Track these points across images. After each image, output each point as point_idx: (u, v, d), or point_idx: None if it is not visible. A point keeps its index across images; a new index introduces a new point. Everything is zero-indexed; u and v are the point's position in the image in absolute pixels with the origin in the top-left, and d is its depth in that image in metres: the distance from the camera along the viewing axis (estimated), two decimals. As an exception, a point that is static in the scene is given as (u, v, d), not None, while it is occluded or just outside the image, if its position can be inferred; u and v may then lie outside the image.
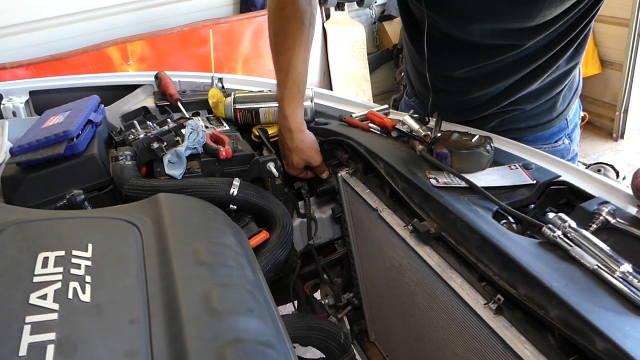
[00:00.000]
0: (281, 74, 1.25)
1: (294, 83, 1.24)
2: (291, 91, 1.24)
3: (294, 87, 1.24)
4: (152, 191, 1.03)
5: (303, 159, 1.25)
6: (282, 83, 1.25)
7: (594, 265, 0.70)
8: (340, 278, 1.44)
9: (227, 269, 0.75)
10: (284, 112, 1.25)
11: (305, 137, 1.25)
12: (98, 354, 0.57)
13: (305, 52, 1.25)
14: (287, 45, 1.23)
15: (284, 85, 1.24)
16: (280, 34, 1.24)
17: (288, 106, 1.24)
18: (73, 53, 3.06)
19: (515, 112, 1.22)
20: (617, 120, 3.83)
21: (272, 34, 1.27)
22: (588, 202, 0.84)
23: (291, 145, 1.25)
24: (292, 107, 1.24)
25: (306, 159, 1.25)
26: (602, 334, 0.60)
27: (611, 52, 3.75)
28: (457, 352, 0.92)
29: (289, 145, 1.25)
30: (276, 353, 0.62)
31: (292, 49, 1.23)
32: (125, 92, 1.58)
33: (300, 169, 1.28)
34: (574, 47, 1.14)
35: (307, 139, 1.25)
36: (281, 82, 1.25)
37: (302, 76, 1.25)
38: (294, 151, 1.25)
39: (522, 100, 1.19)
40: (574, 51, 1.15)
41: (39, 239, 0.74)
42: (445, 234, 0.88)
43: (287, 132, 1.25)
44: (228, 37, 3.45)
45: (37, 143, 1.08)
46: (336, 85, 3.85)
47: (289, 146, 1.25)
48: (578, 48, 1.15)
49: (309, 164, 1.27)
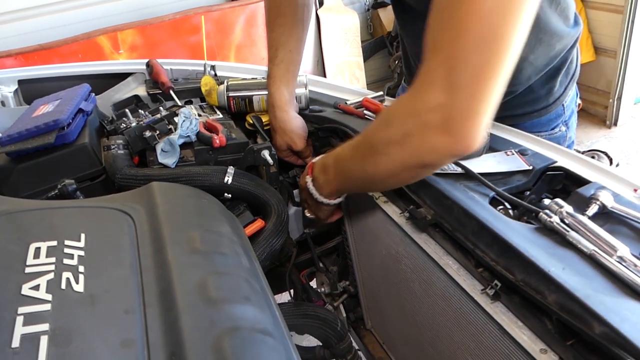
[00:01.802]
0: (271, 50, 1.23)
1: (282, 60, 1.22)
2: (279, 68, 1.22)
3: (282, 64, 1.22)
4: (146, 180, 1.01)
5: (285, 140, 1.23)
6: (271, 59, 1.23)
7: (591, 249, 0.69)
8: (336, 266, 1.44)
9: (222, 258, 0.74)
10: (269, 89, 1.23)
11: (289, 119, 1.22)
12: (93, 345, 0.56)
13: (297, 31, 1.23)
14: (279, 22, 1.21)
15: (272, 61, 1.23)
16: (273, 9, 1.23)
17: (273, 83, 1.22)
18: (63, 42, 3.01)
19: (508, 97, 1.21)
20: (610, 108, 3.84)
21: (266, 10, 1.25)
22: (584, 188, 0.83)
23: (274, 124, 1.23)
24: (277, 84, 1.22)
25: (288, 142, 1.23)
26: (599, 318, 0.60)
27: (605, 39, 3.74)
28: (454, 339, 0.92)
29: (273, 124, 1.24)
30: (273, 341, 0.62)
31: (283, 25, 1.21)
32: (116, 80, 1.56)
33: (282, 150, 1.26)
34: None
35: (291, 120, 1.22)
36: (270, 59, 1.23)
37: (292, 55, 1.23)
38: (277, 131, 1.23)
39: (513, 83, 1.17)
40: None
41: (31, 229, 0.73)
42: (442, 220, 0.88)
43: (271, 110, 1.24)
44: (220, 25, 3.42)
45: (27, 132, 1.07)
46: (330, 73, 3.83)
47: (272, 125, 1.24)
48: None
49: (291, 147, 1.25)
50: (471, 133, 0.70)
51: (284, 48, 1.21)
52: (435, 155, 0.74)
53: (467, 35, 0.65)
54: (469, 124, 0.69)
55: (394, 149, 0.77)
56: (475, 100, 0.68)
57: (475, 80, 0.67)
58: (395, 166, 0.80)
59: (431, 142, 0.72)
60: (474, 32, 0.65)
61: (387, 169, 0.81)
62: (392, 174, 0.82)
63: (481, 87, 0.67)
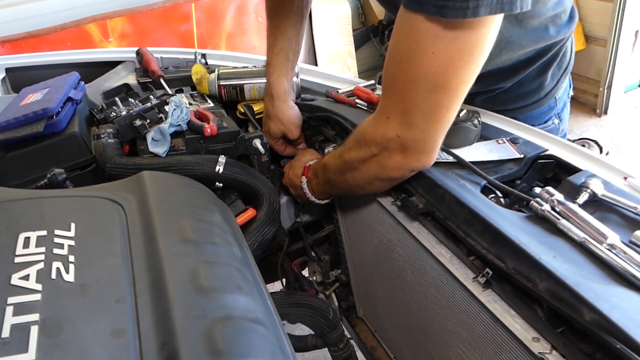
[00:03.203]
0: (271, 38, 1.23)
1: (281, 49, 1.22)
2: (278, 57, 1.22)
3: (282, 53, 1.22)
4: (136, 169, 1.01)
5: (281, 129, 1.24)
6: (270, 48, 1.23)
7: (581, 237, 0.70)
8: (328, 255, 1.44)
9: (214, 247, 0.74)
10: (268, 77, 1.23)
11: (286, 108, 1.23)
12: (83, 334, 0.56)
13: (297, 20, 1.23)
14: (278, 10, 1.21)
15: (271, 50, 1.23)
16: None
17: (273, 72, 1.22)
18: (51, 30, 2.97)
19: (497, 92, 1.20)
20: (600, 96, 3.85)
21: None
22: (575, 176, 0.84)
23: (271, 112, 1.23)
24: (277, 73, 1.22)
25: (284, 130, 1.24)
26: (589, 305, 0.60)
27: (596, 28, 3.75)
28: (447, 327, 0.92)
29: (269, 112, 1.24)
30: (265, 330, 0.62)
31: (282, 13, 1.21)
32: (105, 69, 1.55)
33: (276, 138, 1.26)
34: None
35: (289, 110, 1.23)
36: (270, 47, 1.23)
37: (292, 43, 1.23)
38: (273, 119, 1.23)
39: (499, 74, 1.17)
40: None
41: (20, 219, 0.72)
42: (434, 209, 0.88)
43: (269, 98, 1.23)
44: (211, 14, 3.38)
45: (15, 121, 1.05)
46: (321, 62, 3.81)
47: (269, 112, 1.24)
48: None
49: (286, 136, 1.25)
50: (426, 156, 0.83)
51: (283, 37, 1.21)
52: (398, 172, 0.88)
53: (418, 88, 0.75)
54: (424, 150, 0.82)
55: (364, 165, 0.91)
56: (428, 135, 0.80)
57: (425, 121, 0.78)
58: (368, 178, 0.93)
59: (393, 162, 0.85)
60: (423, 85, 0.74)
61: (362, 180, 0.95)
62: (366, 184, 0.95)
63: (431, 124, 0.78)
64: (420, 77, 0.73)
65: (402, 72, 0.76)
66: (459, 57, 0.71)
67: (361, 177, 0.94)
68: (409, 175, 0.90)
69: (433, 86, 0.73)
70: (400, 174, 0.89)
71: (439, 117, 0.77)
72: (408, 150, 0.82)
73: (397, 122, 0.80)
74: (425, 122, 0.78)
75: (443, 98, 0.75)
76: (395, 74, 0.78)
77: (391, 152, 0.84)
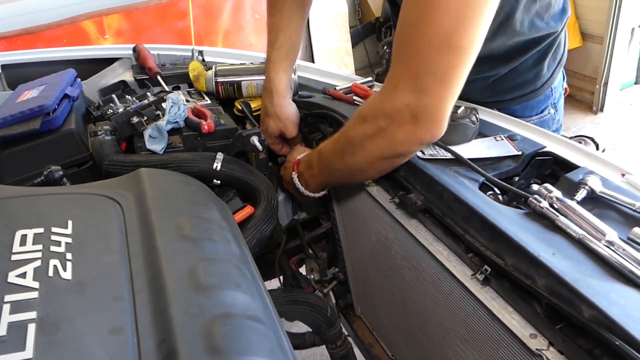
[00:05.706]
0: (271, 34, 1.23)
1: (282, 45, 1.21)
2: (278, 53, 1.21)
3: (282, 49, 1.21)
4: (133, 166, 1.00)
5: (279, 127, 1.23)
6: (271, 44, 1.22)
7: (579, 234, 0.70)
8: (325, 253, 1.44)
9: (212, 244, 0.74)
10: (268, 74, 1.23)
11: (285, 105, 1.22)
12: (81, 332, 0.55)
13: (297, 16, 1.22)
14: (278, 6, 1.21)
15: (272, 46, 1.22)
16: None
17: (273, 68, 1.22)
18: (47, 27, 2.95)
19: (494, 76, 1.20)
20: (597, 94, 3.86)
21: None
22: (573, 173, 0.84)
23: (270, 109, 1.22)
24: (277, 70, 1.21)
25: (282, 128, 1.23)
26: (588, 302, 0.60)
27: (592, 25, 3.75)
28: (444, 324, 0.92)
29: (268, 109, 1.23)
30: (264, 327, 0.61)
31: (283, 10, 1.21)
32: (102, 66, 1.54)
33: (273, 137, 1.26)
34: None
35: (288, 107, 1.22)
36: (270, 43, 1.23)
37: (292, 40, 1.22)
38: (271, 116, 1.23)
39: (495, 59, 1.17)
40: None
41: (17, 217, 0.72)
42: (432, 206, 0.88)
43: (268, 95, 1.23)
44: (207, 10, 3.37)
45: (11, 118, 1.05)
46: (318, 60, 3.81)
47: (267, 110, 1.23)
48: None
49: (284, 134, 1.24)
50: (436, 126, 0.81)
51: (284, 33, 1.21)
52: (406, 145, 0.86)
53: (430, 48, 0.75)
54: (435, 119, 0.81)
55: (369, 142, 0.88)
56: (439, 101, 0.79)
57: (439, 84, 0.78)
58: (371, 157, 0.90)
59: (402, 134, 0.83)
60: (435, 46, 0.74)
61: (364, 160, 0.92)
62: (369, 165, 0.92)
63: (444, 88, 0.78)
64: (432, 36, 0.74)
65: (413, 36, 0.77)
66: (469, 13, 0.72)
67: (364, 157, 0.91)
68: (416, 150, 0.89)
69: (445, 46, 0.74)
70: (407, 148, 0.87)
71: (450, 80, 0.77)
72: (419, 120, 0.80)
73: (407, 90, 0.79)
74: (437, 86, 0.77)
75: (454, 59, 0.75)
76: (406, 39, 0.79)
77: (401, 124, 0.82)
